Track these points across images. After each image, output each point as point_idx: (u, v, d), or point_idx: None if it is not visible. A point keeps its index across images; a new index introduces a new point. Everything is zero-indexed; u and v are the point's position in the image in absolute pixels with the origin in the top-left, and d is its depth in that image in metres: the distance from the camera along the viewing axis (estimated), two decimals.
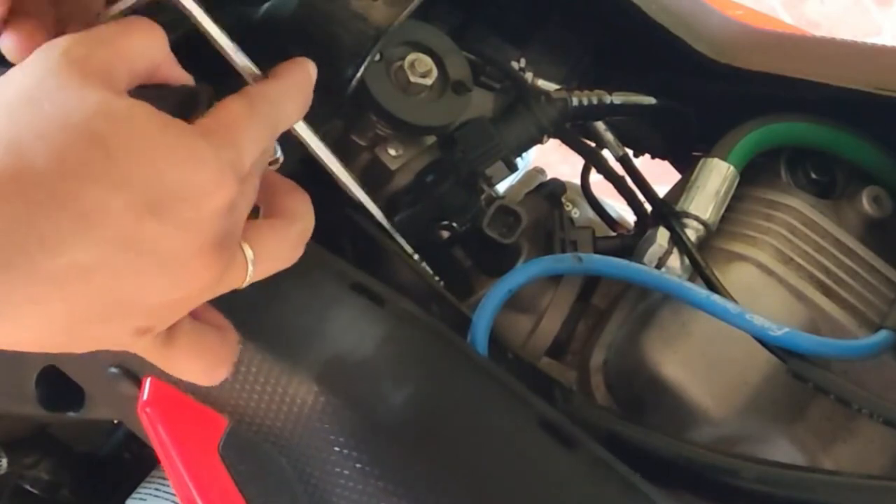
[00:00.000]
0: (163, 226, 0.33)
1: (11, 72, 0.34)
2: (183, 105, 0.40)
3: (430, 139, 0.54)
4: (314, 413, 0.42)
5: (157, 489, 0.77)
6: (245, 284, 0.38)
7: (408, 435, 0.41)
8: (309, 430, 0.42)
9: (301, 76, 0.41)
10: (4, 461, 0.79)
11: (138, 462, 0.83)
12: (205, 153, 0.34)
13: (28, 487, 0.82)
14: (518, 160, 0.56)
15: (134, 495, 0.77)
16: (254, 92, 0.39)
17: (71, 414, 0.63)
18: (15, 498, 0.82)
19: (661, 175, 0.67)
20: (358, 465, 0.41)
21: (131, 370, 0.49)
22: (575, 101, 0.56)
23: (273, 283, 0.43)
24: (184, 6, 0.41)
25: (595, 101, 0.57)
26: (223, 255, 0.36)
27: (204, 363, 0.40)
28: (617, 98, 0.58)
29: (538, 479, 0.40)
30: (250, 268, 0.38)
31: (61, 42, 0.34)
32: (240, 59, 0.42)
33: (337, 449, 0.41)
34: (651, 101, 0.59)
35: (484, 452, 0.41)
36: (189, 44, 0.42)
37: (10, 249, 0.31)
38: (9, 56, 0.39)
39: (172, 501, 0.75)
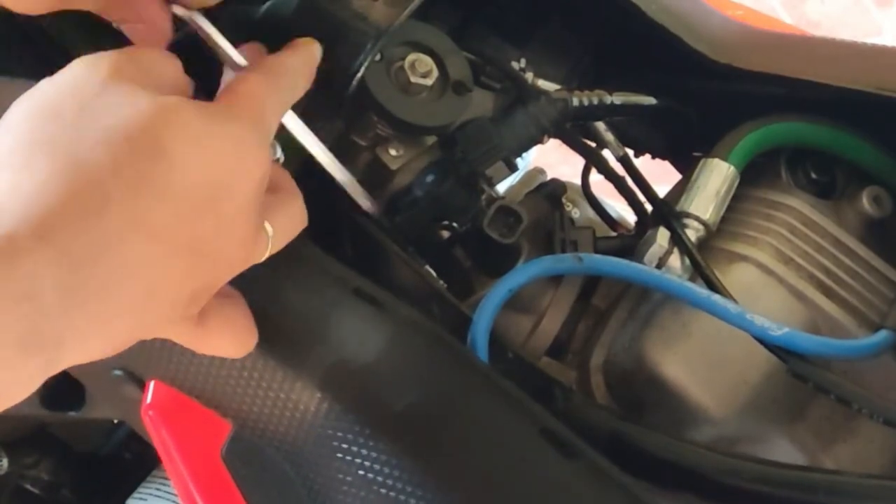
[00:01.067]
0: (218, 221, 0.34)
1: (45, 84, 0.34)
2: None
3: (431, 139, 0.54)
4: (317, 418, 0.42)
5: (157, 489, 0.77)
6: (263, 259, 0.39)
7: (410, 441, 0.41)
8: (312, 435, 0.42)
9: (309, 52, 0.43)
10: (5, 461, 0.79)
11: (139, 462, 0.83)
12: (244, 135, 0.35)
13: (28, 487, 0.82)
14: (518, 160, 0.56)
15: (135, 495, 0.78)
16: (269, 64, 0.40)
17: (72, 413, 0.63)
18: (15, 498, 0.82)
19: (661, 175, 0.67)
20: (360, 472, 0.41)
21: (135, 373, 0.49)
22: (575, 101, 0.56)
23: (275, 289, 0.43)
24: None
25: (595, 102, 0.57)
26: (259, 233, 0.37)
27: (234, 336, 0.40)
28: (617, 98, 0.58)
29: (538, 487, 0.40)
30: (269, 243, 0.39)
31: (102, 55, 0.35)
32: (230, 53, 0.42)
33: (340, 455, 0.41)
34: (651, 101, 0.59)
35: (485, 460, 0.41)
36: (184, 48, 0.42)
37: (92, 278, 0.30)
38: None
39: (173, 502, 0.75)
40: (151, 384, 0.47)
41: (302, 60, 0.43)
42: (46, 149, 0.31)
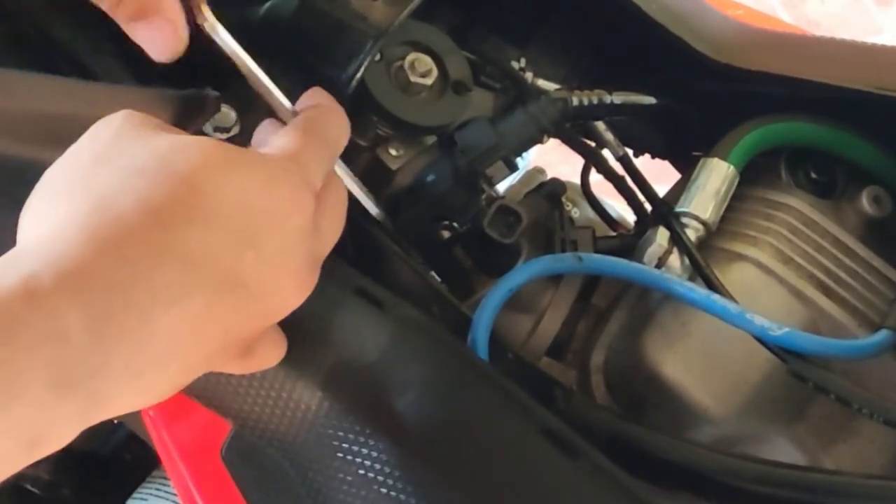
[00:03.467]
0: (260, 256, 0.33)
1: (77, 144, 0.35)
2: (188, 109, 0.40)
3: (431, 139, 0.54)
4: (318, 418, 0.42)
5: (157, 489, 0.77)
6: None
7: (410, 441, 0.41)
8: (312, 435, 0.42)
9: (321, 97, 0.43)
10: None
11: (139, 462, 0.83)
12: (277, 173, 0.35)
13: (28, 487, 0.82)
14: (518, 160, 0.56)
15: (135, 495, 0.77)
16: (297, 118, 0.41)
17: None
18: (15, 498, 0.82)
19: (661, 175, 0.67)
20: (361, 471, 0.41)
21: None
22: (575, 101, 0.56)
23: None
24: (226, 47, 0.42)
25: (595, 101, 0.57)
26: (313, 274, 0.37)
27: (278, 353, 0.41)
28: (617, 98, 0.58)
29: (539, 486, 0.40)
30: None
31: (119, 112, 0.35)
32: (275, 95, 0.42)
33: (340, 455, 0.41)
34: (651, 100, 0.59)
35: (485, 459, 0.41)
36: (193, 48, 0.42)
37: (123, 313, 0.30)
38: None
39: (173, 502, 0.75)
40: None
41: (321, 105, 0.42)
42: (63, 196, 0.32)
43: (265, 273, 0.34)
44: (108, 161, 0.32)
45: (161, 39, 0.40)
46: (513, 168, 0.54)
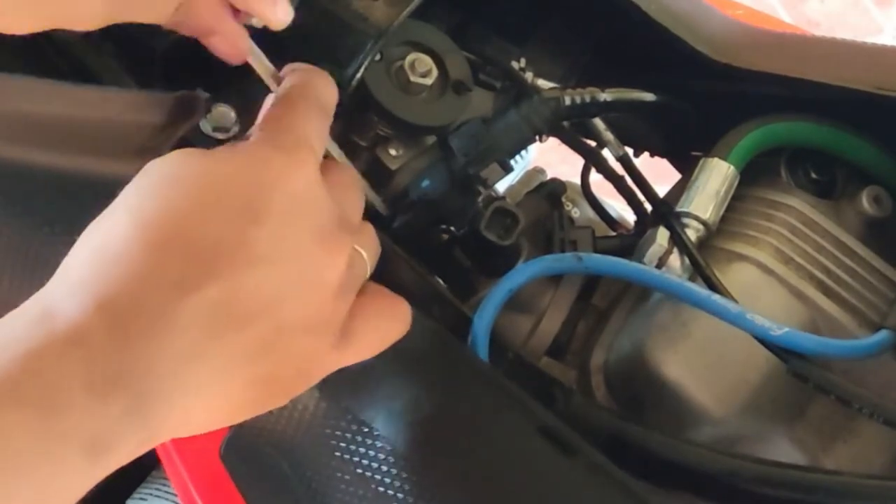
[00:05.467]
0: (270, 229, 0.33)
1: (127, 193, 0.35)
2: (180, 110, 0.40)
3: (431, 139, 0.54)
4: (315, 418, 0.42)
5: (157, 489, 0.77)
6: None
7: (408, 440, 0.41)
8: (310, 435, 0.42)
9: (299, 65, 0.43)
10: None
11: (139, 462, 0.83)
12: (263, 152, 0.35)
13: None
14: (518, 159, 0.56)
15: (134, 495, 0.77)
16: (279, 88, 0.41)
17: None
18: None
19: (661, 175, 0.67)
20: (358, 471, 0.41)
21: None
22: (567, 100, 0.56)
23: None
24: None
25: (588, 99, 0.56)
26: (336, 235, 0.36)
27: (381, 338, 0.40)
28: (609, 95, 0.57)
29: (537, 485, 0.40)
30: (368, 266, 0.39)
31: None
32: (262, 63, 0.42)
33: (338, 454, 0.41)
34: (650, 97, 0.59)
35: (484, 459, 0.41)
36: (186, 49, 0.42)
37: (205, 340, 0.31)
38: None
39: (173, 502, 0.75)
40: None
41: (323, 79, 0.42)
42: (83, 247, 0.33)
43: (282, 244, 0.33)
44: (170, 187, 0.33)
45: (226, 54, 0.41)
46: (508, 169, 0.54)
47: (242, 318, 0.32)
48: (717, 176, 0.54)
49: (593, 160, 0.62)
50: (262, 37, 0.45)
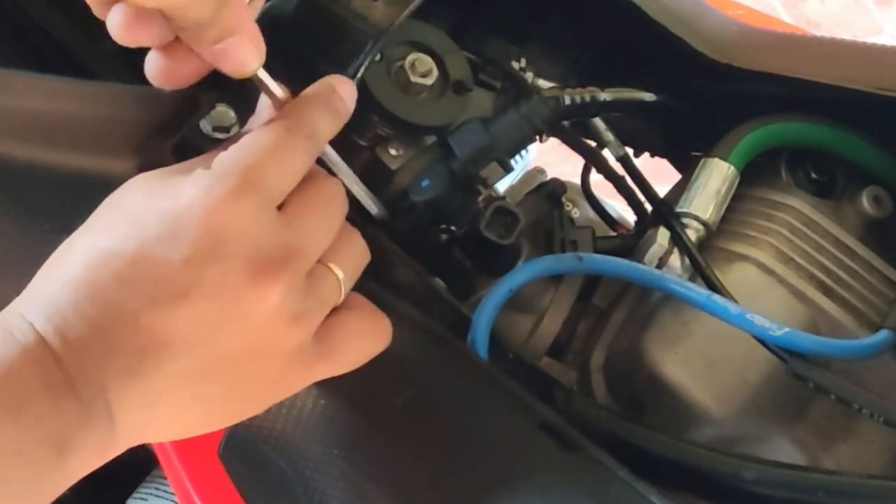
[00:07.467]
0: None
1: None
2: (182, 108, 0.40)
3: (431, 139, 0.54)
4: (313, 416, 0.42)
5: (157, 489, 0.77)
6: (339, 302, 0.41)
7: (407, 438, 0.41)
8: (308, 433, 0.42)
9: (326, 92, 0.43)
10: None
11: (138, 462, 0.83)
12: (208, 197, 0.36)
13: None
14: (518, 159, 0.56)
15: (135, 495, 0.77)
16: (285, 116, 0.41)
17: None
18: None
19: (661, 175, 0.67)
20: (358, 469, 0.41)
21: None
22: (567, 100, 0.56)
23: None
24: None
25: (588, 99, 0.56)
26: (272, 269, 0.36)
27: (360, 353, 0.41)
28: (608, 94, 0.57)
29: (538, 481, 0.40)
30: (342, 287, 0.40)
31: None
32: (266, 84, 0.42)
33: (336, 452, 0.41)
34: (650, 96, 0.59)
35: (483, 456, 0.41)
36: None
37: (142, 364, 0.34)
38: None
39: (173, 502, 0.75)
40: None
41: (320, 101, 0.43)
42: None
43: (203, 281, 0.35)
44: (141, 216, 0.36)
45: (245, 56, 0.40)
46: (507, 169, 0.54)
47: (177, 347, 0.34)
48: (717, 176, 0.54)
49: (593, 160, 0.62)
50: (261, 35, 0.45)
